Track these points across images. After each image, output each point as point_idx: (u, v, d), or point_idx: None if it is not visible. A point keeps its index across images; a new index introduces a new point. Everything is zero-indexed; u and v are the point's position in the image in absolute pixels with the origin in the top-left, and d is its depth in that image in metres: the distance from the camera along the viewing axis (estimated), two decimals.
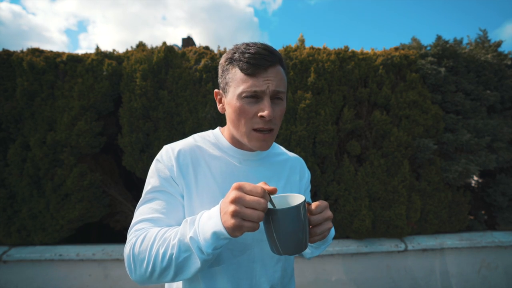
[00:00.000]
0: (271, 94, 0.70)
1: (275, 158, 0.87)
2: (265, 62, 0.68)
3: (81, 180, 2.23)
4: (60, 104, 2.27)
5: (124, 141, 2.27)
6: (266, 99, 0.69)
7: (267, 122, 0.70)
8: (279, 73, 0.71)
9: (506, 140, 2.47)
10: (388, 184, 2.26)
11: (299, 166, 0.92)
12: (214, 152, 0.78)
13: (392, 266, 2.27)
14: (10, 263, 2.15)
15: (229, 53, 0.73)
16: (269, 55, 0.69)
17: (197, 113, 2.25)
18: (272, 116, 0.68)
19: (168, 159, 0.74)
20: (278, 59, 0.72)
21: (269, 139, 0.73)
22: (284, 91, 0.73)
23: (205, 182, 0.74)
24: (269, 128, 0.72)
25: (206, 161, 0.76)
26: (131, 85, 2.28)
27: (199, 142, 0.80)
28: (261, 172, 0.81)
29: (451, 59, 2.56)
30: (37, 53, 2.41)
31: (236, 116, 0.71)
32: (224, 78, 0.74)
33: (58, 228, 2.25)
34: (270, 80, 0.69)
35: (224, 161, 0.77)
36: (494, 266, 2.31)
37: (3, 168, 2.26)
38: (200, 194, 0.72)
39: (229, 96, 0.73)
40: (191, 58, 2.36)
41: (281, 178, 0.84)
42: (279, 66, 0.72)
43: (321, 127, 2.24)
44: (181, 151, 0.75)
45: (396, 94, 2.38)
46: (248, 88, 0.68)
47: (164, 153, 0.76)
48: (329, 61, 2.32)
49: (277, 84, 0.70)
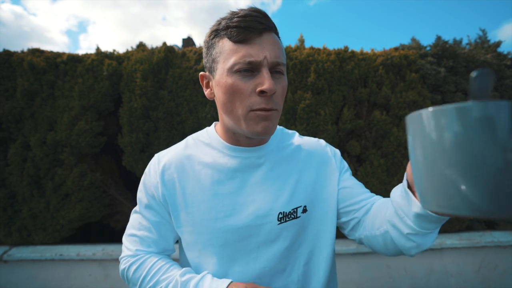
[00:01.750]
0: (270, 65, 0.56)
1: (281, 152, 0.70)
2: (258, 24, 0.55)
3: (81, 180, 2.24)
4: (60, 104, 2.27)
5: (124, 141, 2.27)
6: (265, 71, 0.55)
7: (269, 99, 0.56)
8: (276, 41, 0.59)
9: None
10: (388, 184, 2.26)
11: (320, 154, 0.73)
12: (205, 157, 0.67)
13: (392, 266, 2.27)
14: (10, 263, 2.15)
15: (214, 26, 0.60)
16: (262, 18, 0.57)
17: (197, 113, 2.25)
18: (274, 90, 0.55)
19: (154, 174, 0.67)
20: (272, 24, 0.59)
21: (273, 117, 0.58)
22: (284, 63, 0.60)
23: (193, 198, 0.64)
24: (271, 108, 0.57)
25: (196, 172, 0.66)
26: (131, 85, 2.28)
27: (191, 148, 0.69)
28: (262, 176, 0.66)
29: (450, 59, 2.56)
30: (38, 53, 2.41)
31: (228, 97, 0.57)
32: (210, 55, 0.61)
33: (58, 228, 2.25)
34: (266, 49, 0.56)
35: (216, 168, 0.65)
36: (493, 266, 2.31)
37: (4, 168, 2.27)
38: (190, 212, 0.64)
39: (217, 75, 0.59)
40: (191, 58, 2.37)
41: (289, 177, 0.68)
42: (273, 33, 0.59)
43: (321, 127, 2.24)
44: (166, 166, 0.66)
45: (396, 94, 2.39)
46: (241, 58, 0.55)
47: (152, 167, 0.68)
48: (329, 61, 2.33)
49: (276, 54, 0.57)
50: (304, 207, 0.67)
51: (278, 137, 0.72)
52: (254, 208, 0.64)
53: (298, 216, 0.67)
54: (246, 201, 0.64)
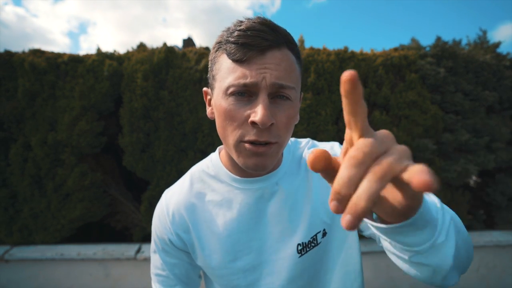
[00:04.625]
0: (270, 88, 0.47)
1: (295, 174, 0.62)
2: (261, 41, 0.46)
3: (82, 180, 2.25)
4: (61, 104, 2.28)
5: (124, 141, 2.28)
6: (262, 97, 0.46)
7: (263, 132, 0.47)
8: (286, 59, 0.48)
9: (504, 140, 2.49)
10: None
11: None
12: (214, 195, 0.61)
13: (392, 266, 2.28)
14: (12, 262, 2.16)
15: (218, 37, 0.52)
16: (268, 32, 0.47)
17: (197, 113, 2.26)
18: (268, 123, 0.45)
19: (164, 221, 0.62)
20: (285, 39, 0.49)
21: (267, 153, 0.49)
22: (292, 87, 0.49)
23: (208, 242, 0.60)
24: (265, 141, 0.48)
25: (207, 213, 0.61)
26: (131, 85, 2.29)
27: (197, 184, 0.63)
28: (277, 206, 0.59)
29: (450, 59, 2.57)
30: (39, 54, 2.42)
31: (221, 122, 0.50)
32: (211, 70, 0.54)
33: (59, 228, 2.26)
34: (268, 68, 0.46)
35: (227, 206, 0.59)
36: (492, 266, 2.32)
37: (5, 168, 2.27)
38: (207, 255, 0.61)
39: (214, 95, 0.52)
40: (191, 58, 2.37)
41: (305, 202, 0.60)
42: (285, 49, 0.49)
43: (321, 127, 2.25)
44: (175, 212, 0.62)
45: (395, 94, 2.40)
46: (236, 80, 0.47)
47: (160, 214, 0.64)
48: (328, 61, 2.34)
49: (278, 75, 0.47)
50: (323, 230, 0.60)
51: (290, 154, 0.64)
52: (272, 242, 0.60)
53: (319, 242, 0.60)
54: (263, 236, 0.60)
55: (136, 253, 2.14)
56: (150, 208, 2.26)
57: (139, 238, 2.44)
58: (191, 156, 2.26)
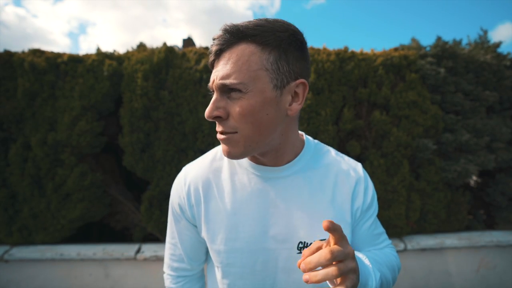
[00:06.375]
0: (219, 88, 0.54)
1: (310, 175, 0.65)
2: (217, 47, 0.53)
3: (82, 180, 2.24)
4: (61, 104, 2.27)
5: (124, 141, 2.28)
6: (215, 94, 0.55)
7: (220, 123, 0.56)
8: (236, 55, 0.51)
9: (504, 140, 2.48)
10: (388, 184, 2.27)
11: (354, 180, 0.66)
12: (230, 174, 0.66)
13: None
14: (11, 263, 2.16)
15: None
16: (224, 36, 0.52)
17: (198, 113, 2.26)
18: (211, 115, 0.54)
19: (181, 190, 0.68)
20: (242, 34, 0.51)
21: (230, 141, 0.56)
22: (238, 82, 0.51)
23: (215, 216, 0.65)
24: (221, 131, 0.56)
25: (220, 189, 0.65)
26: (132, 85, 2.29)
27: (218, 161, 0.69)
28: (286, 199, 0.63)
29: (450, 59, 2.57)
30: (38, 53, 2.41)
31: None
32: None
33: (59, 228, 2.26)
34: (217, 71, 0.54)
35: (240, 187, 0.64)
36: (492, 266, 2.32)
37: (5, 168, 2.27)
38: (210, 229, 0.65)
39: None
40: (191, 58, 2.37)
41: (315, 205, 0.63)
42: (243, 44, 0.52)
43: (321, 128, 2.25)
44: (191, 187, 0.67)
45: (395, 94, 2.39)
46: (209, 84, 0.58)
47: (177, 183, 0.70)
48: (329, 61, 2.33)
49: (224, 74, 0.52)
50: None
51: (310, 154, 0.67)
52: (274, 232, 0.63)
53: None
54: (267, 223, 0.63)
55: (136, 253, 2.14)
56: (150, 208, 2.26)
57: (139, 238, 2.44)
58: (191, 156, 2.26)
